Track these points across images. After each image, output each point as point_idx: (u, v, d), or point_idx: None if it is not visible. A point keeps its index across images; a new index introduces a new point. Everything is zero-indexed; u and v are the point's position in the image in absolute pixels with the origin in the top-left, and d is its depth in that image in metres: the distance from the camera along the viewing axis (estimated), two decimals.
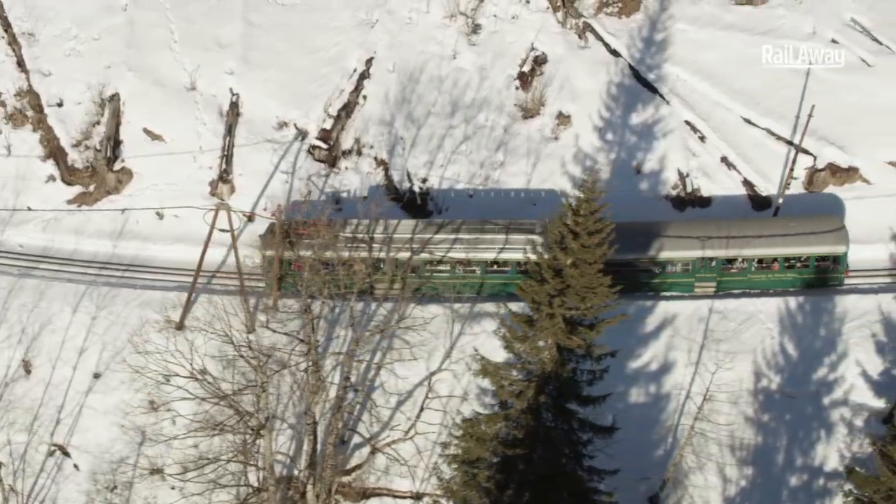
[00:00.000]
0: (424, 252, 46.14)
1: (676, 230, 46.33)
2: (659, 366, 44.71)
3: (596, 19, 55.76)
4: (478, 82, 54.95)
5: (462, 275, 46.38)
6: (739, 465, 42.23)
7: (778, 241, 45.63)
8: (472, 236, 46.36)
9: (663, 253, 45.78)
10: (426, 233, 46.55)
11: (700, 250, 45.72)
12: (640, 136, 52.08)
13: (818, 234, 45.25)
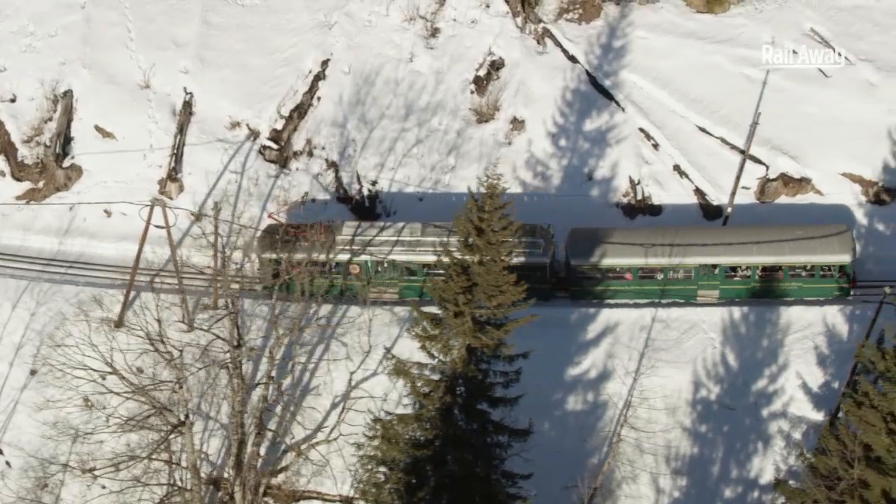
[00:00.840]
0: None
1: (675, 236, 45.66)
2: (598, 373, 44.41)
3: (555, 25, 55.68)
4: (433, 86, 54.87)
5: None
6: (674, 475, 41.87)
7: (783, 248, 44.66)
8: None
9: (663, 259, 45.21)
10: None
11: (701, 257, 44.97)
12: (594, 142, 51.92)
13: (822, 242, 44.35)
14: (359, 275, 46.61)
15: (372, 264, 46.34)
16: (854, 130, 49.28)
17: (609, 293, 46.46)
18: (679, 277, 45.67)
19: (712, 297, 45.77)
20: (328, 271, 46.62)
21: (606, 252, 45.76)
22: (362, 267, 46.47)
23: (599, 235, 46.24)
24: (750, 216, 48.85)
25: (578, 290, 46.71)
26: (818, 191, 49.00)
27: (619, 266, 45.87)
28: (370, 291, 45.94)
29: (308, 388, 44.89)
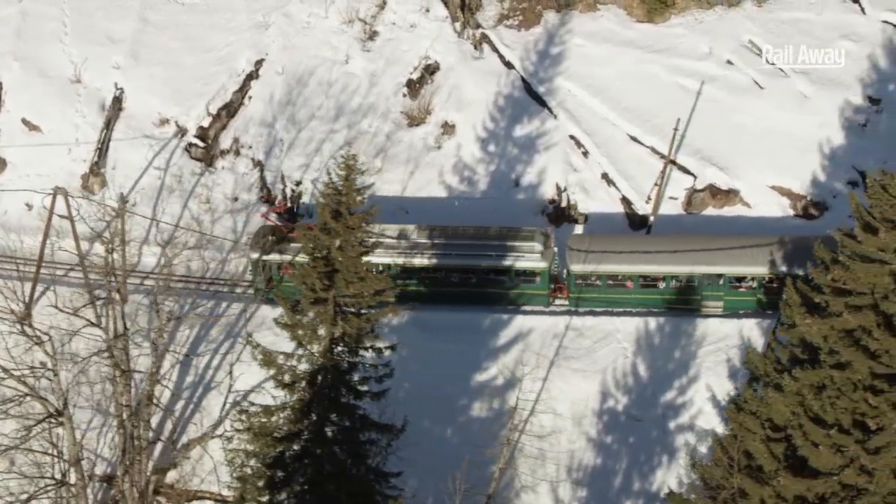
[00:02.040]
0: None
1: (680, 244, 44.45)
2: (505, 380, 43.69)
3: (494, 31, 55.53)
4: (367, 88, 54.73)
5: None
6: (574, 486, 41.03)
7: (788, 259, 43.02)
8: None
9: (664, 267, 43.98)
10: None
11: (705, 266, 43.87)
12: (523, 148, 51.56)
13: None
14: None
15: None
16: (785, 143, 48.83)
17: (609, 302, 45.32)
18: (682, 287, 44.39)
19: (717, 308, 44.48)
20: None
21: (607, 259, 44.44)
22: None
23: (601, 241, 45.28)
24: (676, 227, 48.23)
25: (577, 297, 45.71)
26: (746, 203, 48.44)
27: (619, 273, 44.73)
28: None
29: (210, 386, 44.27)
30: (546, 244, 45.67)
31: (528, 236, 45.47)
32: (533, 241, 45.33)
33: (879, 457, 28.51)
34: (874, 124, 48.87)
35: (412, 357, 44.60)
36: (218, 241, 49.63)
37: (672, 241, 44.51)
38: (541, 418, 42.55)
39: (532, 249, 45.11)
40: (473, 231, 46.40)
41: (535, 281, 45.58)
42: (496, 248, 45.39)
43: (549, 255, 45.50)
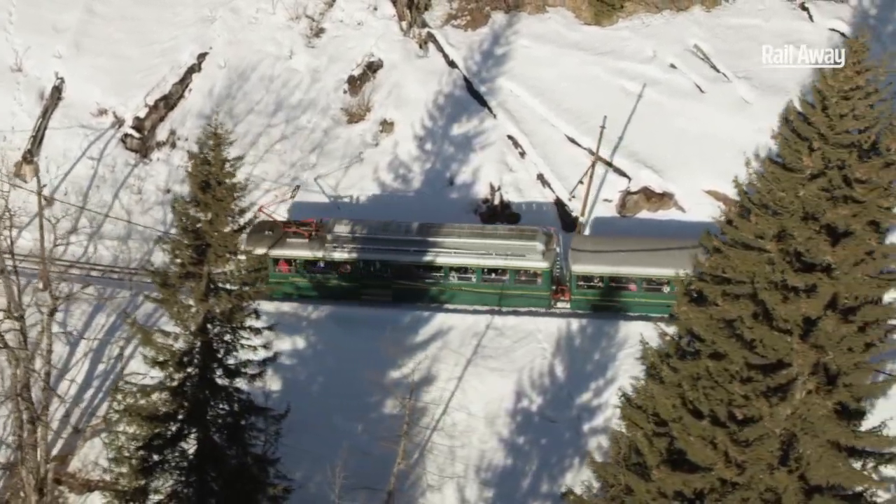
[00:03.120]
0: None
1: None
2: (421, 378, 43.12)
3: (441, 30, 55.56)
4: (308, 84, 54.76)
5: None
6: (482, 486, 40.46)
7: None
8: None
9: (668, 270, 41.88)
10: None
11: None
12: (460, 147, 51.43)
13: None
14: (350, 273, 45.68)
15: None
16: (723, 147, 48.41)
17: (612, 304, 44.39)
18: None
19: None
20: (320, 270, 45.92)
21: (610, 260, 43.67)
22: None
23: (606, 242, 44.70)
24: (610, 229, 47.88)
25: (580, 299, 44.92)
26: (680, 207, 48.10)
27: (622, 276, 43.83)
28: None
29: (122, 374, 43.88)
30: (548, 244, 44.82)
31: (530, 235, 44.81)
32: (535, 241, 44.52)
33: (751, 449, 27.88)
34: None
35: (328, 352, 44.50)
36: (147, 231, 49.40)
37: (681, 243, 43.02)
38: (454, 417, 42.12)
39: (534, 249, 44.34)
40: (473, 230, 45.88)
41: (537, 282, 44.78)
42: (495, 248, 44.73)
43: (551, 256, 44.68)
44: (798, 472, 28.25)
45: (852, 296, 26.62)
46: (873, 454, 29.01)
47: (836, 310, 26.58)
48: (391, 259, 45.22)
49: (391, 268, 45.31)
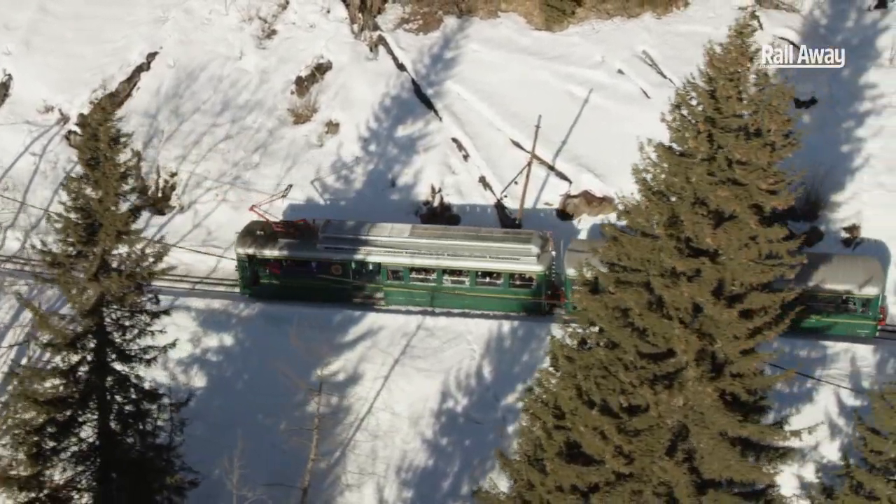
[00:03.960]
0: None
1: None
2: (347, 377, 42.90)
3: (392, 34, 55.63)
4: (257, 85, 54.79)
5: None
6: (401, 486, 39.97)
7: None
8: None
9: None
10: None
11: None
12: (403, 149, 51.32)
13: (847, 271, 40.72)
14: (341, 275, 45.10)
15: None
16: None
17: None
18: None
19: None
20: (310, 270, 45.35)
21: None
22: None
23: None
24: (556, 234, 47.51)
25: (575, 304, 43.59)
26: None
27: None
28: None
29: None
30: (544, 247, 43.80)
31: (525, 239, 43.94)
32: (529, 244, 43.41)
33: (639, 440, 27.49)
34: None
35: (255, 349, 44.09)
36: None
37: None
38: (378, 416, 41.73)
39: (528, 252, 43.45)
40: (468, 232, 45.11)
41: (531, 286, 43.88)
42: (490, 251, 43.89)
43: (546, 259, 43.66)
44: (688, 464, 27.81)
45: (739, 282, 26.26)
46: (769, 448, 28.59)
47: (721, 296, 26.24)
48: (383, 261, 44.45)
49: (383, 270, 44.57)
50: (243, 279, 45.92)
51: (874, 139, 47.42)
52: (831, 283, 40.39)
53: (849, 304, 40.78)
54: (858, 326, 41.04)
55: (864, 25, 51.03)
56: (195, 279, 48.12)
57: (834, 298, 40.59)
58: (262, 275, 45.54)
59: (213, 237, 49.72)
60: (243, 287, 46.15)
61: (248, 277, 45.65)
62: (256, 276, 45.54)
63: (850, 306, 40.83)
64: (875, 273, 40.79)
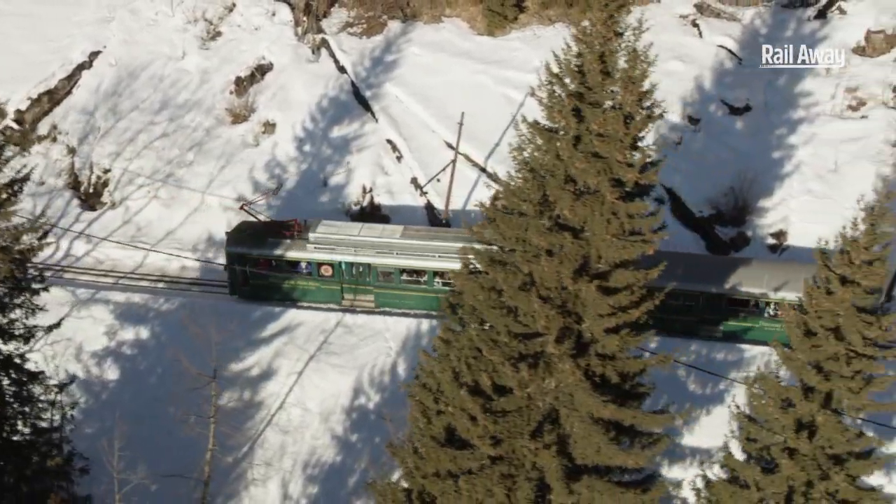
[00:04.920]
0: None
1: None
2: (260, 371, 42.56)
3: (336, 37, 55.86)
4: (197, 85, 54.89)
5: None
6: (307, 482, 39.52)
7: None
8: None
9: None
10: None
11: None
12: (337, 149, 51.31)
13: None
14: (332, 276, 44.57)
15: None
16: None
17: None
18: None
19: (717, 331, 41.40)
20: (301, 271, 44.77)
21: None
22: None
23: None
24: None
25: None
26: None
27: None
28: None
29: None
30: None
31: None
32: None
33: (507, 421, 27.10)
34: (688, 143, 48.35)
35: (172, 341, 43.70)
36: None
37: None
38: (290, 412, 41.37)
39: None
40: (458, 234, 43.44)
41: None
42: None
43: None
44: (561, 448, 27.42)
45: (604, 260, 26.00)
46: (642, 434, 28.22)
47: (586, 274, 25.97)
48: (374, 262, 43.91)
49: (374, 271, 44.03)
50: (233, 280, 45.04)
51: (805, 146, 47.26)
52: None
53: None
54: None
55: (804, 35, 51.07)
56: (120, 274, 47.81)
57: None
58: (251, 276, 44.65)
59: (142, 233, 49.58)
60: (233, 289, 45.30)
61: (238, 278, 44.77)
62: (246, 276, 44.77)
63: None
64: None
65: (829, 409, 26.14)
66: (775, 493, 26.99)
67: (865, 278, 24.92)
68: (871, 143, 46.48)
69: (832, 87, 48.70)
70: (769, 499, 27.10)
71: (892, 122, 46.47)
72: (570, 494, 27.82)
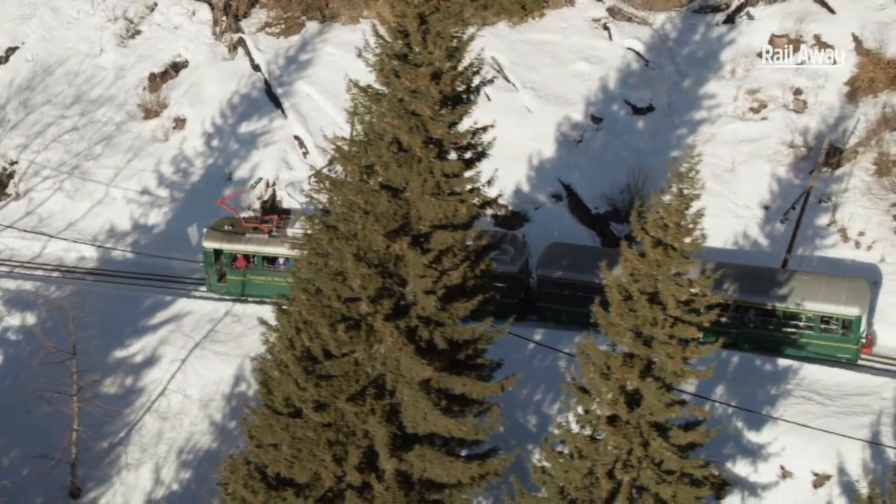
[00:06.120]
0: None
1: None
2: (144, 358, 42.33)
3: (253, 36, 56.04)
4: (112, 81, 55.18)
5: None
6: (180, 467, 39.18)
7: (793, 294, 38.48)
8: None
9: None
10: None
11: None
12: (245, 145, 51.47)
13: (828, 290, 38.06)
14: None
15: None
16: (500, 153, 47.74)
17: (576, 315, 39.84)
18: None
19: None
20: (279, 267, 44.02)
21: (578, 267, 40.59)
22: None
23: (579, 250, 42.10)
24: None
25: (547, 308, 41.68)
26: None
27: (589, 283, 38.85)
28: None
29: None
30: (517, 249, 41.63)
31: (499, 239, 40.67)
32: (503, 245, 40.40)
33: (330, 384, 26.89)
34: (589, 141, 48.51)
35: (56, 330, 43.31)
36: None
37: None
38: (170, 399, 41.13)
39: (502, 252, 39.89)
40: None
41: (503, 288, 38.83)
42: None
43: (519, 261, 41.40)
44: (387, 414, 27.19)
45: (424, 220, 25.93)
46: (473, 403, 28.03)
47: (406, 234, 25.89)
48: None
49: None
50: (209, 276, 44.51)
51: (704, 146, 47.30)
52: (810, 302, 37.98)
53: (829, 325, 37.99)
54: (838, 350, 38.05)
55: (711, 39, 51.44)
56: (16, 263, 47.64)
57: (812, 318, 37.97)
58: (229, 270, 44.20)
59: (43, 224, 49.66)
60: (210, 285, 44.79)
61: (216, 274, 44.27)
62: (223, 272, 44.30)
63: (829, 328, 38.02)
64: (859, 293, 37.97)
65: (652, 376, 25.94)
66: (602, 462, 26.74)
67: (677, 240, 24.85)
68: (768, 144, 46.68)
69: (735, 90, 48.91)
70: (597, 468, 26.82)
71: (789, 124, 46.59)
72: (400, 462, 27.55)
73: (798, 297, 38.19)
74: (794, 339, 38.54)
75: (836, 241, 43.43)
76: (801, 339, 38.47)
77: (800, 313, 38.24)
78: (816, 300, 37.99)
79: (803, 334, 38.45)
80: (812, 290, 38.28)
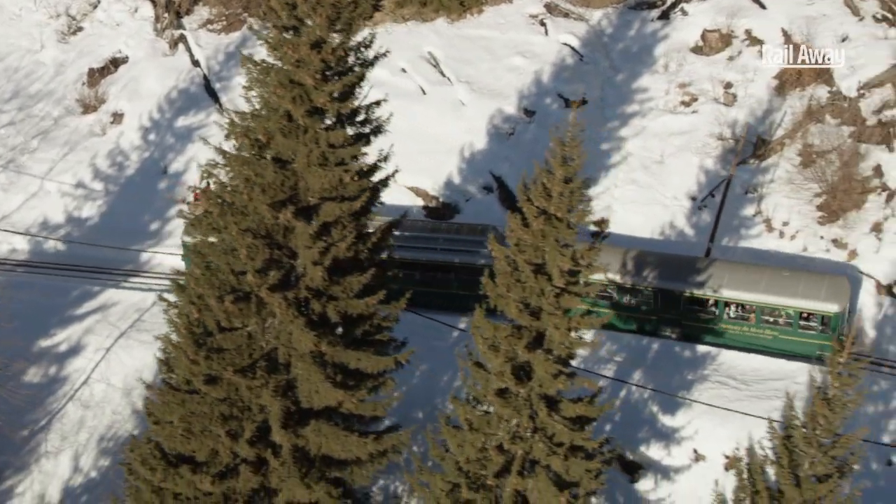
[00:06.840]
0: None
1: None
2: (69, 347, 42.17)
3: (194, 33, 56.07)
4: (51, 76, 55.19)
5: None
6: (100, 455, 38.96)
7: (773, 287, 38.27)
8: None
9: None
10: None
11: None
12: (180, 139, 51.50)
13: (806, 285, 37.81)
14: None
15: None
16: (433, 146, 48.53)
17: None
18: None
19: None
20: None
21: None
22: None
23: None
24: None
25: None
26: (381, 202, 47.28)
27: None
28: None
29: None
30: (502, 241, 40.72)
31: (481, 231, 40.85)
32: (486, 236, 37.38)
33: (221, 357, 26.80)
34: (520, 134, 48.71)
35: None
36: None
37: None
38: (93, 387, 40.92)
39: (483, 244, 37.97)
40: (425, 224, 43.16)
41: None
42: (441, 242, 41.59)
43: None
44: (282, 388, 27.12)
45: (312, 191, 25.95)
46: (367, 377, 27.98)
47: (294, 205, 25.89)
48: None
49: None
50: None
51: (635, 139, 47.71)
52: (787, 297, 37.81)
53: (808, 321, 37.82)
54: (817, 346, 37.49)
55: (646, 34, 51.78)
56: None
57: (790, 314, 37.90)
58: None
59: None
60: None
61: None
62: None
63: (808, 324, 37.89)
64: (839, 290, 37.70)
65: (542, 348, 25.94)
66: (494, 435, 26.71)
67: (560, 210, 24.93)
68: (697, 136, 46.90)
69: (667, 84, 49.18)
70: (490, 441, 26.80)
71: (718, 117, 46.84)
72: (297, 437, 27.47)
73: (777, 293, 37.82)
74: (772, 336, 38.32)
75: (760, 231, 43.68)
76: (781, 336, 38.23)
77: (779, 309, 38.05)
78: (796, 296, 37.67)
79: (783, 331, 38.21)
80: (791, 287, 37.96)
